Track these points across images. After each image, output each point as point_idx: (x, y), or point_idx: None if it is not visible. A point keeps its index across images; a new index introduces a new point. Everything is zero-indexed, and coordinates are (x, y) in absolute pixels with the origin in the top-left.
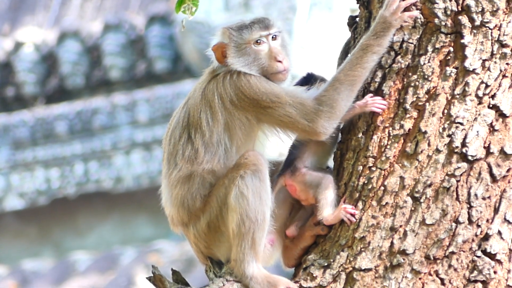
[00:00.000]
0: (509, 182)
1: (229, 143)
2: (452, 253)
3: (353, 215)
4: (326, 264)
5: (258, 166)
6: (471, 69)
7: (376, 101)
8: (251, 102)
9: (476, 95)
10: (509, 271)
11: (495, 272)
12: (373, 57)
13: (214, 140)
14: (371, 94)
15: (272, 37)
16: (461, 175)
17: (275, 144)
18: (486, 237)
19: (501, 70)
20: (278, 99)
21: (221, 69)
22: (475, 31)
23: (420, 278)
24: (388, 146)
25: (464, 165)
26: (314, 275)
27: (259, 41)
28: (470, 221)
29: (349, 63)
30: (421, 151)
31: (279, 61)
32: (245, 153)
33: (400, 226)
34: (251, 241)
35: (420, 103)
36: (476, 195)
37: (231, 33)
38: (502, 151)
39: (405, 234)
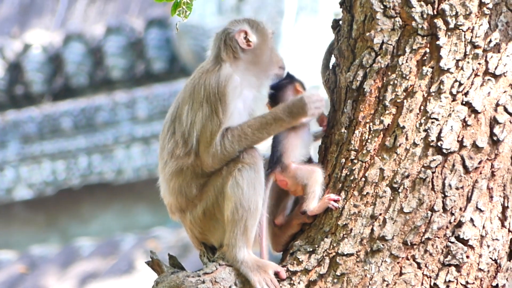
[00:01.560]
0: (480, 173)
1: (194, 134)
2: (428, 239)
3: (336, 201)
4: (311, 249)
5: (254, 160)
6: (445, 69)
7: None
8: (216, 98)
9: (450, 93)
10: (480, 256)
11: (467, 257)
12: (280, 129)
13: (187, 130)
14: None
15: None
16: (436, 166)
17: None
18: (459, 224)
19: (473, 70)
20: (221, 112)
21: (214, 65)
22: (449, 33)
23: (398, 262)
24: (369, 140)
25: (439, 157)
26: (300, 260)
27: (271, 36)
28: (445, 210)
29: (259, 124)
30: (399, 145)
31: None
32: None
33: (380, 214)
34: (243, 228)
35: (398, 100)
36: (450, 185)
37: (254, 23)
38: (474, 145)
39: (384, 221)
